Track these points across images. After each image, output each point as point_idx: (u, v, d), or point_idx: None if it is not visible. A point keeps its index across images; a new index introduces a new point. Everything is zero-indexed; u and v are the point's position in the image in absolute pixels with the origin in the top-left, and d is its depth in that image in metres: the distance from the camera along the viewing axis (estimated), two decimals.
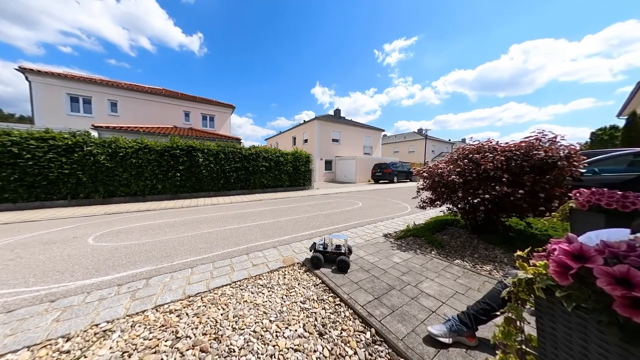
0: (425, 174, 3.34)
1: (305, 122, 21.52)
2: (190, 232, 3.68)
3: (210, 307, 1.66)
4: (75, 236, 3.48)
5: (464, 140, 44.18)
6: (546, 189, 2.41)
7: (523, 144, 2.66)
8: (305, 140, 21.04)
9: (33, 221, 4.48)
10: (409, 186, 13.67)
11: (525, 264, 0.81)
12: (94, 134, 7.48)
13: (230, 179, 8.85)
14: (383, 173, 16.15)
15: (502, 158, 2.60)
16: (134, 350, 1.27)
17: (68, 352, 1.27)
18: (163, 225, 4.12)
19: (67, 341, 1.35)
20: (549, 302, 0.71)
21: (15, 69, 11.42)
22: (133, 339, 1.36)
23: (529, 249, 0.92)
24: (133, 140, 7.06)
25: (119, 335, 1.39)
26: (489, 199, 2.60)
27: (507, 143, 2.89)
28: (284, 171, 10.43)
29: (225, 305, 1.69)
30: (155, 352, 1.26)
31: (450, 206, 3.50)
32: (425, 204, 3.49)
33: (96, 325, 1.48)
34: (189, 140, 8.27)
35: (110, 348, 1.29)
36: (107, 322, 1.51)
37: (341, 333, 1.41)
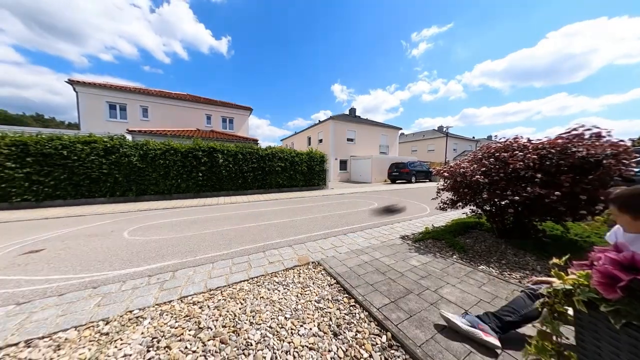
0: (446, 174, 3.17)
1: (320, 122, 21.58)
2: (211, 229, 3.89)
3: (229, 301, 1.74)
4: (113, 230, 3.85)
5: (489, 138, 41.17)
6: (588, 191, 2.15)
7: (559, 141, 2.41)
8: (320, 140, 21.09)
9: (79, 216, 5.04)
10: (428, 186, 13.07)
11: (562, 273, 0.73)
12: (128, 137, 8.20)
13: (248, 179, 9.18)
14: (400, 173, 15.63)
15: (535, 156, 2.37)
16: (162, 336, 1.38)
17: (107, 334, 1.41)
18: (187, 222, 4.39)
19: (106, 324, 1.49)
20: (591, 317, 0.64)
21: (66, 81, 12.92)
22: (161, 326, 1.47)
23: (566, 256, 0.83)
24: (161, 143, 7.62)
25: (149, 322, 1.51)
26: (518, 200, 2.39)
27: (539, 140, 2.63)
28: (298, 171, 10.56)
29: (244, 300, 1.76)
30: (180, 340, 1.35)
31: (474, 208, 3.28)
32: (445, 206, 3.32)
33: (130, 311, 1.62)
34: (210, 142, 8.72)
35: (142, 333, 1.41)
36: (139, 309, 1.65)
37: (356, 335, 1.40)
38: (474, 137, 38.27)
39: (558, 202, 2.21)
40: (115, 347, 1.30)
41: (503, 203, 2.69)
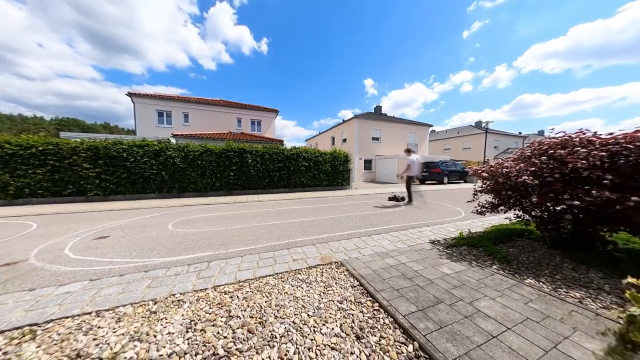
0: (485, 174, 2.86)
1: (344, 121, 21.39)
2: (240, 224, 4.16)
3: (256, 294, 1.84)
4: (160, 222, 4.39)
5: (541, 133, 35.79)
6: None
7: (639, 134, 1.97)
8: (344, 140, 20.90)
9: (135, 209, 5.87)
10: (463, 188, 11.93)
11: None
12: (173, 140, 9.27)
13: (274, 178, 9.57)
14: (430, 173, 14.59)
15: (604, 154, 1.99)
16: (198, 320, 1.53)
17: (155, 312, 1.62)
18: (220, 218, 4.78)
19: (154, 304, 1.72)
20: None
21: (126, 94, 15.15)
22: (198, 311, 1.63)
23: None
24: (199, 145, 8.43)
25: (188, 306, 1.68)
26: (580, 206, 2.03)
27: (611, 134, 2.19)
28: (322, 171, 10.63)
29: (269, 294, 1.84)
30: (213, 325, 1.48)
31: (520, 213, 2.89)
32: (484, 209, 2.99)
33: (173, 295, 1.84)
34: (240, 143, 9.34)
35: (182, 315, 1.58)
36: (180, 293, 1.85)
37: (380, 340, 1.35)
38: (520, 133, 33.67)
39: (636, 209, 1.82)
40: (162, 325, 1.48)
41: (558, 208, 2.31)
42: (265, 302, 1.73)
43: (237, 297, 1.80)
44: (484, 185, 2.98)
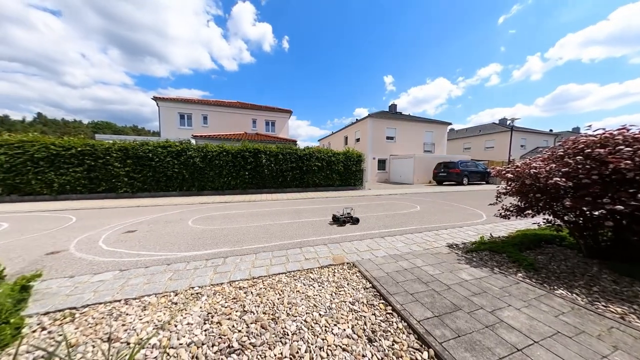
0: (510, 175, 2.67)
1: (357, 120, 21.13)
2: (255, 222, 4.28)
3: (269, 291, 1.88)
4: (181, 218, 4.65)
5: (576, 130, 32.65)
6: None
7: None
8: (358, 140, 20.64)
9: (159, 205, 6.28)
10: (485, 189, 11.26)
11: None
12: (193, 141, 9.77)
13: (287, 178, 9.72)
14: (449, 173, 13.92)
15: None
16: (215, 313, 1.59)
17: (176, 303, 1.72)
18: (235, 215, 4.95)
19: (175, 295, 1.82)
20: None
21: (152, 98, 16.21)
22: (214, 304, 1.70)
23: None
24: (217, 145, 8.80)
25: (206, 299, 1.77)
26: (623, 211, 1.82)
27: None
28: (335, 171, 10.59)
29: (281, 291, 1.87)
30: (229, 319, 1.53)
31: (550, 218, 2.66)
32: (508, 213, 2.79)
33: (192, 287, 1.94)
34: (255, 143, 9.60)
35: (200, 307, 1.66)
36: (199, 287, 1.95)
37: (393, 345, 1.32)
38: (551, 131, 30.97)
39: None
40: (182, 315, 1.57)
41: (596, 213, 2.09)
42: (278, 299, 1.76)
43: (251, 292, 1.85)
44: (508, 187, 2.79)
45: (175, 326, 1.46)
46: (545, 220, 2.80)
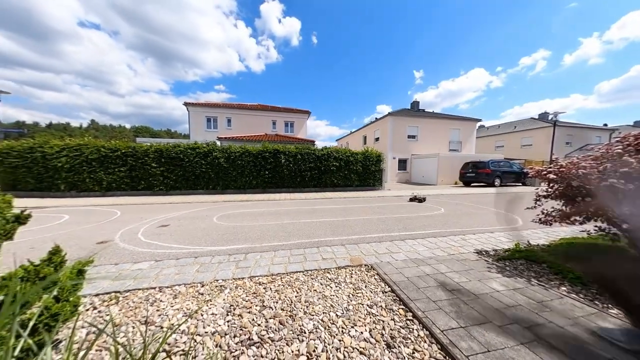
0: (552, 176, 2.38)
1: (376, 119, 20.61)
2: (274, 221, 4.41)
3: (287, 288, 1.92)
4: (207, 215, 4.98)
5: (638, 124, 27.95)
6: None
7: None
8: (377, 139, 20.13)
9: (188, 203, 6.80)
10: (521, 192, 10.19)
11: None
12: (218, 143, 10.41)
13: (305, 178, 9.85)
14: (477, 174, 12.86)
15: None
16: (236, 306, 1.68)
17: (202, 294, 1.84)
18: (256, 214, 5.16)
19: (202, 287, 1.96)
20: None
21: (183, 104, 17.61)
22: (236, 297, 1.79)
23: None
24: (239, 147, 9.25)
25: (228, 292, 1.87)
26: None
27: None
28: (353, 171, 10.45)
29: (299, 289, 1.90)
30: (249, 312, 1.60)
31: (604, 225, 2.31)
32: (550, 218, 2.49)
33: (216, 280, 2.06)
34: (274, 144, 9.90)
35: (224, 299, 1.76)
36: (222, 280, 2.07)
37: (413, 353, 1.26)
38: (605, 125, 26.93)
39: None
40: (207, 306, 1.68)
41: None
42: (295, 297, 1.79)
43: (270, 289, 1.91)
44: (550, 190, 2.49)
45: (202, 315, 1.56)
46: (597, 228, 2.44)
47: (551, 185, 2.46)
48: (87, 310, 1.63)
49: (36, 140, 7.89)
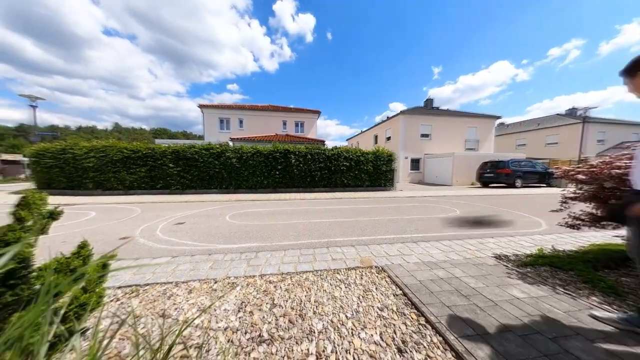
0: (582, 176, 2.21)
1: (388, 118, 20.24)
2: (284, 220, 4.46)
3: (296, 287, 1.94)
4: (220, 214, 5.14)
5: None
6: None
7: None
8: (388, 138, 19.77)
9: (202, 202, 7.06)
10: (545, 193, 9.57)
11: None
12: (230, 144, 10.71)
13: (315, 178, 9.88)
14: (496, 174, 12.23)
15: None
16: (247, 303, 1.72)
17: (215, 290, 1.91)
18: (267, 213, 5.25)
19: (215, 283, 2.02)
20: None
21: (198, 106, 18.30)
22: (247, 294, 1.83)
23: None
24: (251, 147, 9.46)
25: (240, 289, 1.91)
26: None
27: None
28: (364, 171, 10.34)
29: (309, 289, 1.91)
30: (260, 310, 1.63)
31: None
32: (579, 223, 2.32)
33: (228, 277, 2.12)
34: (285, 144, 10.02)
35: (235, 296, 1.81)
36: (234, 277, 2.12)
37: (426, 359, 1.22)
38: None
39: None
40: (220, 301, 1.74)
41: None
42: (305, 296, 1.80)
43: (280, 287, 1.94)
44: (578, 191, 2.31)
45: (215, 310, 1.62)
46: None
47: (580, 186, 2.29)
48: (111, 301, 1.75)
49: (67, 142, 8.57)
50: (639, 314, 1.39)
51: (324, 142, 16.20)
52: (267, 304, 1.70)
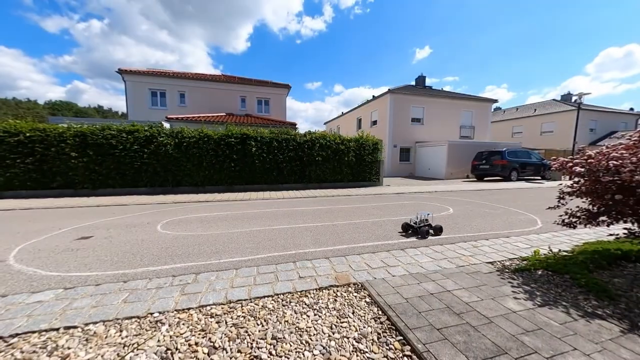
0: (578, 168, 2.46)
1: (374, 97, 20.70)
2: (239, 228, 4.23)
3: (249, 320, 1.80)
4: (149, 222, 4.65)
5: None
6: None
7: None
8: (374, 122, 20.32)
9: (124, 205, 6.35)
10: (542, 187, 10.87)
11: None
12: (166, 125, 9.78)
13: (284, 171, 9.64)
14: (492, 165, 13.50)
15: None
16: (175, 349, 1.52)
17: (127, 335, 1.66)
18: (216, 218, 4.92)
19: (129, 324, 1.77)
20: None
21: (116, 71, 16.32)
22: (177, 336, 1.63)
23: None
24: (195, 130, 8.76)
25: (167, 329, 1.70)
26: None
27: None
28: (344, 162, 10.42)
29: (265, 321, 1.79)
30: (194, 358, 1.46)
31: (635, 227, 2.46)
32: (575, 220, 2.60)
33: (150, 314, 1.88)
34: (244, 127, 9.52)
35: (158, 341, 1.60)
36: (159, 312, 1.89)
37: None
38: (632, 110, 29.43)
39: None
40: (133, 351, 1.51)
41: None
42: (260, 331, 1.68)
43: (226, 322, 1.78)
44: (575, 185, 2.58)
45: None
46: (627, 231, 2.59)
47: (577, 180, 2.55)
48: None
49: None
50: None
51: (295, 125, 15.90)
52: (204, 347, 1.54)
